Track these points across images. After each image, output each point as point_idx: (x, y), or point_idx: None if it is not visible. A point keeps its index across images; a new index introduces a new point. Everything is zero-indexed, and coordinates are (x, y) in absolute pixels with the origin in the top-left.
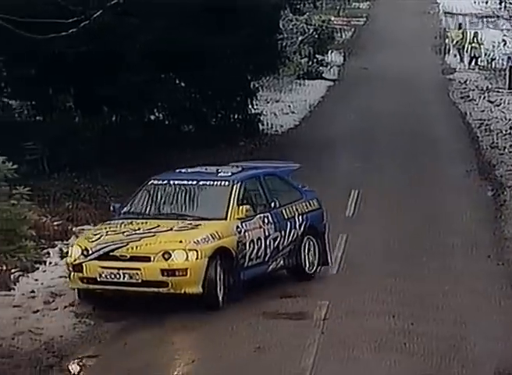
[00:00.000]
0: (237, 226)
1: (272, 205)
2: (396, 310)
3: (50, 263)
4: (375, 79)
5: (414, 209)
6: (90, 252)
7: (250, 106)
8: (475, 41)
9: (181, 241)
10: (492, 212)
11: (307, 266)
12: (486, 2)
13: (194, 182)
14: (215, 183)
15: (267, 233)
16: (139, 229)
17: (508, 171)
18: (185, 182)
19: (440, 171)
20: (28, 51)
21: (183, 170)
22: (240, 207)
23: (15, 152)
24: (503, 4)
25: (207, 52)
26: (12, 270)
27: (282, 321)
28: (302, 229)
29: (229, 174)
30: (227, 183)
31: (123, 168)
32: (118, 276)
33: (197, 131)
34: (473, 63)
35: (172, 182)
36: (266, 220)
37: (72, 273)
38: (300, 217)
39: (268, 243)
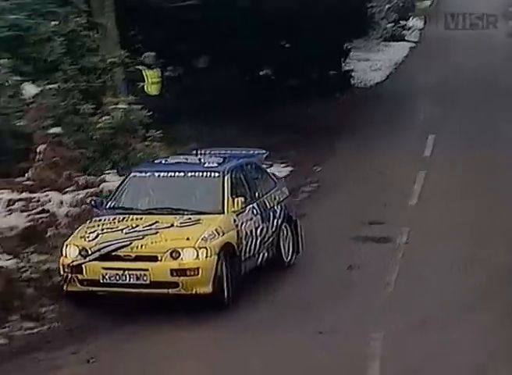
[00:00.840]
0: (234, 220)
1: (256, 195)
2: (470, 237)
3: None
4: (452, 40)
5: (488, 153)
6: (90, 252)
7: (343, 64)
8: None
9: (188, 239)
10: None
11: (285, 254)
12: None
13: (182, 174)
14: (205, 174)
15: (256, 225)
16: (137, 226)
17: None
18: (171, 174)
19: None
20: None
21: (163, 161)
22: (236, 199)
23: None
24: None
25: (308, 19)
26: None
27: (370, 244)
28: (281, 218)
29: (216, 165)
30: (217, 174)
31: (240, 115)
32: (124, 277)
33: (299, 86)
34: None
35: (157, 174)
36: (254, 211)
37: (70, 275)
38: (279, 206)
39: (257, 235)
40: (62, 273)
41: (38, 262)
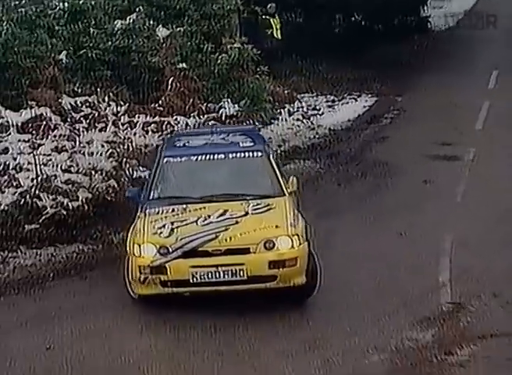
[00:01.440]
0: (293, 202)
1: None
2: None
3: (281, 119)
4: None
5: None
6: (172, 250)
7: (421, 11)
8: None
9: (277, 226)
10: None
11: None
12: None
13: (222, 156)
14: (247, 154)
15: None
16: (209, 216)
17: None
18: (211, 157)
19: None
20: None
21: (186, 143)
22: (290, 179)
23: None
24: None
25: None
26: (256, 123)
27: (442, 161)
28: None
29: (252, 144)
30: (260, 153)
31: (334, 54)
32: (217, 274)
33: (385, 30)
34: None
35: (194, 158)
36: None
37: (149, 277)
38: None
39: None
40: (135, 275)
41: None
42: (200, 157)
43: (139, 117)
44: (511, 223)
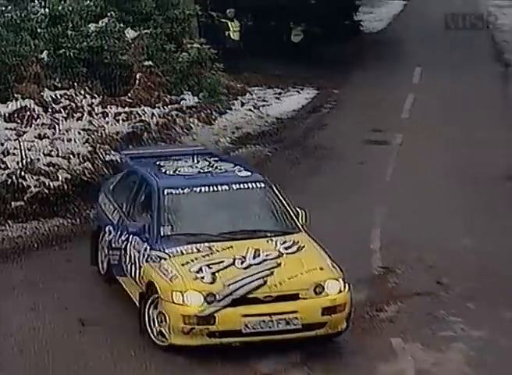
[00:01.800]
0: (311, 238)
1: None
2: (451, 142)
3: (235, 109)
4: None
5: (465, 81)
6: (220, 298)
7: (354, 16)
8: None
9: (322, 269)
10: None
11: None
12: None
13: (226, 187)
14: (251, 185)
15: None
16: (243, 257)
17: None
18: (214, 188)
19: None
20: None
21: (185, 174)
22: (300, 212)
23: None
24: None
25: None
26: (212, 113)
27: (373, 146)
28: None
29: (249, 173)
30: (263, 184)
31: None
32: (270, 324)
33: (323, 33)
34: None
35: (197, 189)
36: None
37: (196, 328)
38: None
39: None
40: (176, 325)
41: None
42: (203, 188)
43: (111, 108)
44: (433, 199)
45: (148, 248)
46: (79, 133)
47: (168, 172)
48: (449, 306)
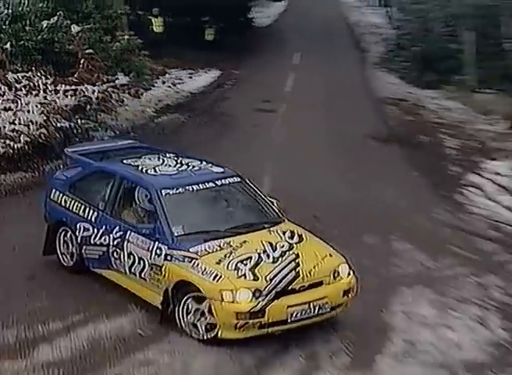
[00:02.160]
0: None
1: None
2: (326, 110)
3: (157, 87)
4: (311, 2)
5: (332, 62)
6: (266, 292)
7: (248, 14)
8: None
9: (331, 255)
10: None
11: None
12: None
13: (212, 184)
14: (228, 181)
15: None
16: (264, 251)
17: (367, 45)
18: (203, 186)
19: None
20: None
21: (168, 173)
22: (275, 202)
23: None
24: None
25: None
26: (140, 89)
27: (263, 113)
28: None
29: (221, 168)
30: (238, 178)
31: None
32: (309, 310)
33: (223, 27)
34: None
35: (190, 188)
36: None
37: (249, 322)
38: None
39: None
40: (228, 321)
41: (83, 123)
42: (195, 187)
43: (61, 86)
44: (311, 153)
45: (164, 247)
46: (36, 106)
47: (149, 171)
48: (322, 234)
